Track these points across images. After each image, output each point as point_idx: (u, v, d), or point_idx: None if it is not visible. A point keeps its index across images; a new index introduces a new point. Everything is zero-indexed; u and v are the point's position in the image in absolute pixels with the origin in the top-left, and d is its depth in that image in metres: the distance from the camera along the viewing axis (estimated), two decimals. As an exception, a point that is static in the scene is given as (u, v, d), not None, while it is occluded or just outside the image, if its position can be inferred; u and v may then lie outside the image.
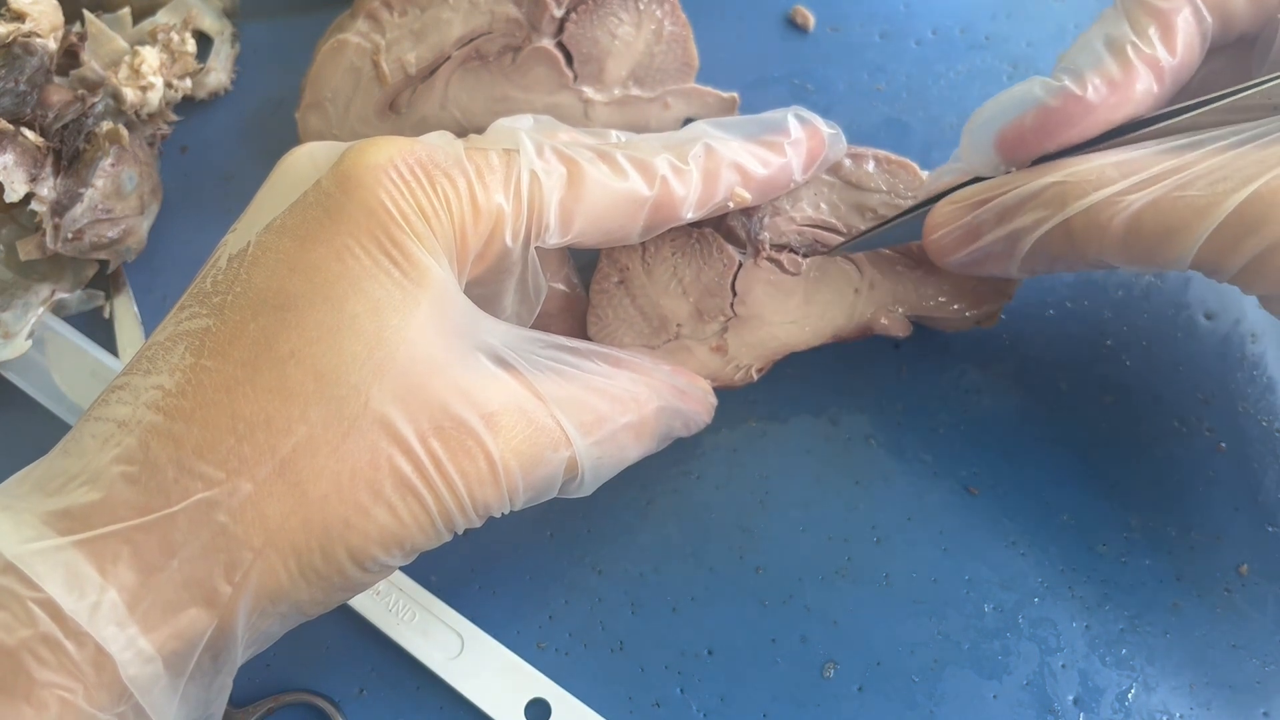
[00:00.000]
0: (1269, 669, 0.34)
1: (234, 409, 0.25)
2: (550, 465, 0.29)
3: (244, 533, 0.25)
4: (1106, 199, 0.29)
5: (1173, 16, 0.30)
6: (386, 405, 0.26)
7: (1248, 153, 0.28)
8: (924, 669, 0.34)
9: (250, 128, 0.44)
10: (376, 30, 0.40)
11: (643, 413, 0.32)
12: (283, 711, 0.35)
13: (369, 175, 0.27)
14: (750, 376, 0.35)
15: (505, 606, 0.36)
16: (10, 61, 0.37)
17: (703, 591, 0.36)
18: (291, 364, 0.26)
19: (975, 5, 0.45)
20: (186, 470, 0.25)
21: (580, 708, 0.34)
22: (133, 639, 0.24)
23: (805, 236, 0.36)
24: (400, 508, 0.26)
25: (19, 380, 0.39)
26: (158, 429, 0.25)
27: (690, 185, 0.31)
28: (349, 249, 0.27)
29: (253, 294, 0.27)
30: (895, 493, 0.37)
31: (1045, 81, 0.31)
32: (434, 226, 0.27)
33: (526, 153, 0.29)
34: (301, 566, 0.26)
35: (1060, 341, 0.38)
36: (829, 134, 0.35)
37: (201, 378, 0.26)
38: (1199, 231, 0.28)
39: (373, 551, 0.26)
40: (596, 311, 0.36)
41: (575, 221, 0.30)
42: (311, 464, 0.26)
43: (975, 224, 0.32)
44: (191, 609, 0.25)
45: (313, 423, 0.26)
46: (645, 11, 0.39)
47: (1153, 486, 0.36)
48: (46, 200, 0.37)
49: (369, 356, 0.26)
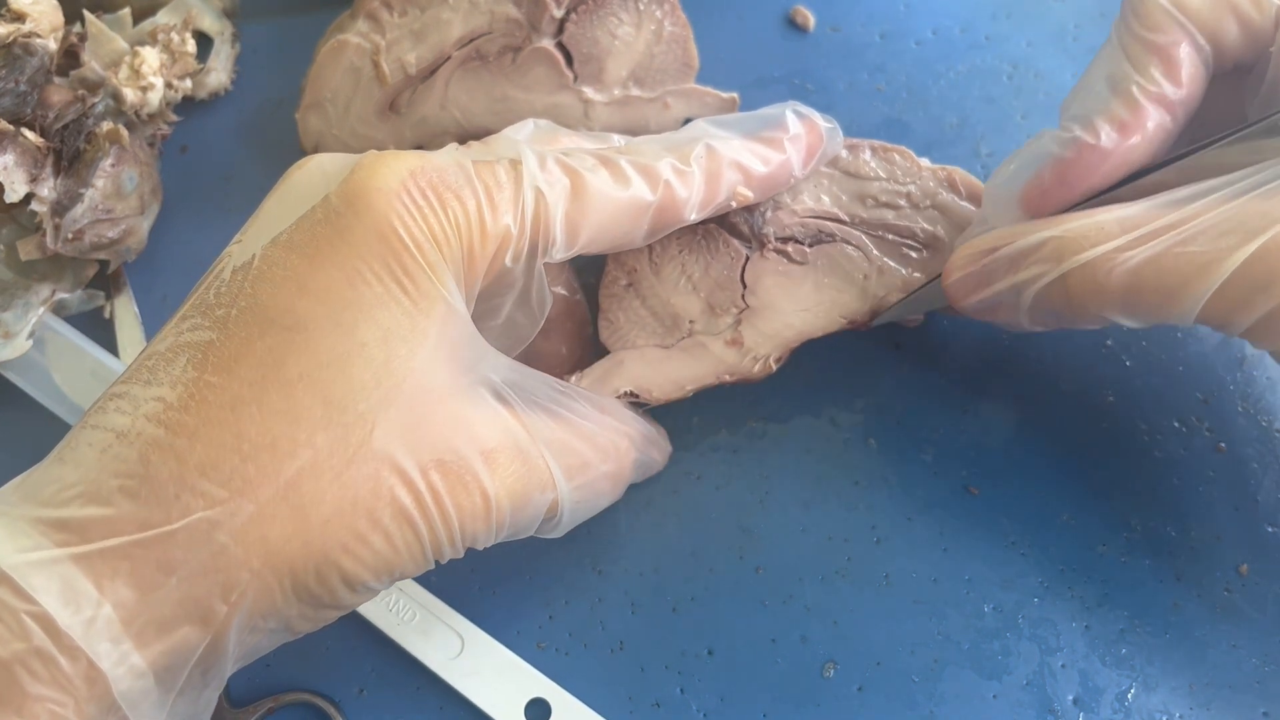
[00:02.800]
0: (1268, 669, 0.34)
1: (239, 428, 0.25)
2: (535, 506, 0.29)
3: (244, 554, 0.25)
4: (1104, 255, 0.28)
5: (1173, 50, 0.30)
6: (391, 435, 0.26)
7: (1250, 203, 0.27)
8: (924, 669, 0.34)
9: (250, 128, 0.44)
10: (376, 30, 0.40)
11: (622, 463, 0.32)
12: (283, 711, 0.35)
13: (380, 198, 0.27)
14: (769, 367, 0.35)
15: (505, 606, 0.36)
16: (10, 62, 0.37)
17: (703, 591, 0.36)
18: (300, 387, 0.26)
19: (975, 5, 0.45)
20: (188, 487, 0.25)
21: (580, 708, 0.34)
22: (126, 655, 0.24)
23: (809, 228, 0.36)
24: (396, 536, 0.26)
25: (19, 380, 0.39)
26: (159, 443, 0.25)
27: (693, 187, 0.31)
28: (360, 274, 0.26)
29: (259, 310, 0.26)
30: (895, 493, 0.37)
31: (1056, 134, 0.31)
32: (445, 253, 0.27)
33: (530, 169, 0.29)
34: (296, 587, 0.26)
35: (1060, 341, 0.38)
36: (826, 128, 0.35)
37: (205, 393, 0.25)
38: (1203, 289, 0.27)
39: (365, 577, 0.26)
40: (607, 316, 0.36)
41: (581, 233, 0.30)
42: (315, 489, 0.25)
43: (987, 271, 0.31)
44: (186, 626, 0.25)
45: (318, 448, 0.26)
46: (645, 12, 0.39)
47: (1153, 486, 0.36)
48: (47, 200, 0.37)
49: (377, 385, 0.26)
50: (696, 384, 0.35)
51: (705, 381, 0.35)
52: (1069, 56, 0.43)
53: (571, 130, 0.35)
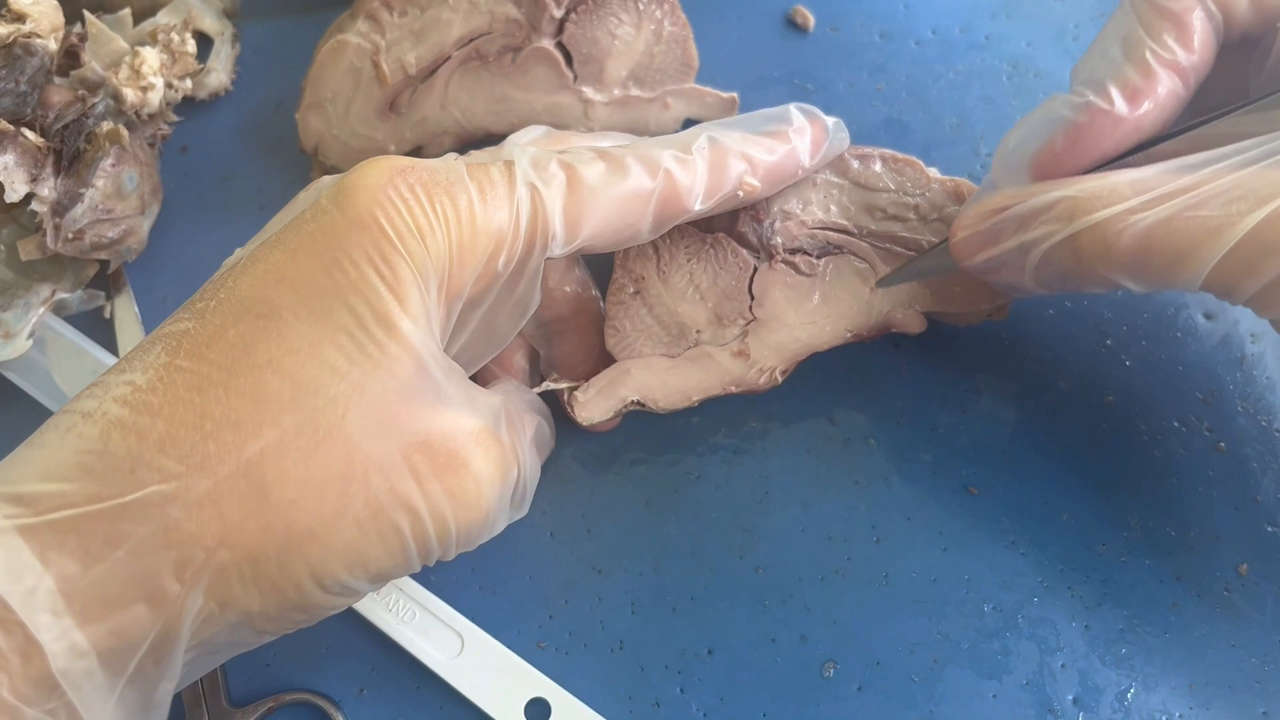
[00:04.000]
0: (1268, 669, 0.34)
1: (203, 408, 0.25)
2: (509, 487, 0.29)
3: (197, 529, 0.24)
4: (1115, 215, 0.28)
5: (1186, 16, 0.30)
6: (365, 419, 0.26)
7: (1262, 171, 0.27)
8: (924, 668, 0.34)
9: (250, 128, 0.44)
10: (376, 31, 0.40)
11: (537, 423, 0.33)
12: (283, 711, 0.35)
13: (366, 193, 0.27)
14: (775, 379, 0.35)
15: (505, 606, 0.36)
16: (11, 62, 0.37)
17: (703, 591, 0.36)
18: (269, 371, 0.25)
19: (975, 5, 0.45)
20: (145, 463, 0.24)
21: (580, 707, 0.34)
22: (67, 630, 0.23)
23: (818, 239, 0.36)
24: (370, 525, 0.26)
25: (19, 380, 0.39)
26: (122, 422, 0.25)
27: (696, 175, 0.31)
28: (337, 263, 0.26)
29: (236, 300, 0.26)
30: (895, 493, 0.37)
31: (1068, 99, 0.31)
32: (429, 245, 0.27)
33: (522, 167, 0.29)
34: (256, 574, 0.25)
35: (1060, 341, 0.38)
36: (831, 123, 0.35)
37: (174, 376, 0.25)
38: (1211, 253, 0.27)
39: (334, 568, 0.25)
40: (614, 324, 0.36)
41: (583, 226, 0.29)
42: (278, 468, 0.25)
43: (995, 230, 0.31)
44: (136, 606, 0.24)
45: (285, 429, 0.25)
46: (645, 12, 0.39)
47: (1153, 486, 0.36)
48: (47, 200, 0.37)
49: (350, 370, 0.26)
50: (703, 394, 0.35)
51: (711, 392, 0.35)
52: (1069, 56, 0.43)
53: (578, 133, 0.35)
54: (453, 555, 0.28)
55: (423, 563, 0.27)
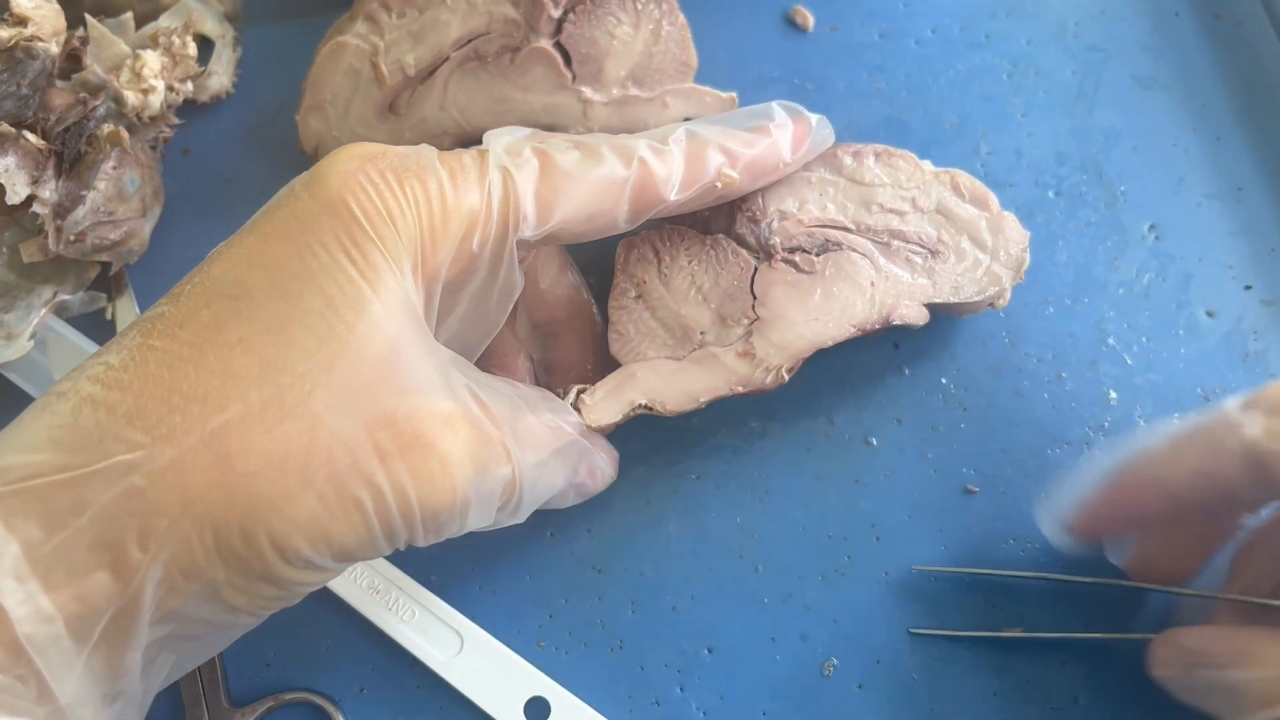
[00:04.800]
0: None
1: (172, 384, 0.25)
2: (494, 480, 0.28)
3: (161, 498, 0.25)
4: None
5: None
6: (333, 397, 0.26)
7: None
8: (924, 667, 0.34)
9: (252, 131, 0.44)
10: (375, 32, 0.40)
11: (566, 440, 0.32)
12: (283, 711, 0.35)
13: (337, 179, 0.28)
14: (781, 378, 0.35)
15: (505, 606, 0.36)
16: (13, 65, 0.37)
17: (702, 590, 0.36)
18: (239, 349, 0.26)
19: (975, 4, 0.45)
20: (112, 435, 0.25)
21: (580, 706, 0.34)
22: (32, 595, 0.24)
23: (815, 237, 0.36)
24: (332, 499, 0.26)
25: (21, 381, 0.39)
26: (93, 398, 0.25)
27: (672, 165, 0.31)
28: (309, 247, 0.27)
29: (209, 283, 0.27)
30: (895, 492, 0.37)
31: None
32: (399, 228, 0.27)
33: (495, 151, 0.30)
34: (219, 543, 0.25)
35: (1061, 340, 0.38)
36: (815, 120, 0.35)
37: (146, 355, 0.26)
38: None
39: (296, 541, 0.26)
40: (617, 328, 0.36)
41: (555, 210, 0.30)
42: (243, 440, 0.25)
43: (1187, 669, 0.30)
44: (99, 573, 0.24)
45: (250, 403, 0.25)
46: (643, 11, 0.40)
47: (1154, 485, 0.36)
48: (48, 203, 0.37)
49: (318, 349, 0.26)
50: (710, 395, 0.35)
51: (718, 393, 0.35)
52: (1069, 54, 0.43)
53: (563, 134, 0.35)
54: (422, 540, 0.28)
55: (390, 544, 0.27)
